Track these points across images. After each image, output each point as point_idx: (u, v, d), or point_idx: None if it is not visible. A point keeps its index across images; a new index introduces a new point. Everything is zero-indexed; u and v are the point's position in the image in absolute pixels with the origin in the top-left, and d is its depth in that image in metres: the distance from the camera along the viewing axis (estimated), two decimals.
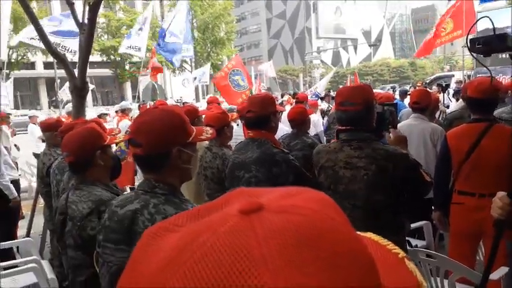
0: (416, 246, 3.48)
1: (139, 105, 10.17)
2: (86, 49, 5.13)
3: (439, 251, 2.96)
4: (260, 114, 2.53)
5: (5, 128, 6.39)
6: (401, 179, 2.03)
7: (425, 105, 3.88)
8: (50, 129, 3.80)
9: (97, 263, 1.53)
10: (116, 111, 9.78)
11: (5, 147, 4.79)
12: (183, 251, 0.33)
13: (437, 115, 5.40)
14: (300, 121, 3.61)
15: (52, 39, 7.49)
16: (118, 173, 2.14)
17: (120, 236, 1.36)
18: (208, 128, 1.57)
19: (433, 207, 3.14)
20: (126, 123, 8.15)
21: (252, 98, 2.79)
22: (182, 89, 31.15)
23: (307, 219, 0.34)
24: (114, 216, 1.40)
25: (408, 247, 2.66)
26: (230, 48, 36.41)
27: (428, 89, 6.23)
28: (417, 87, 10.96)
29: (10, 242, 4.14)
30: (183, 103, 14.29)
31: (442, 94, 7.10)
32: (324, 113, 9.15)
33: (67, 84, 12.80)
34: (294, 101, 7.02)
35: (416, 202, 2.56)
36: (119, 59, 27.05)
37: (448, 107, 7.41)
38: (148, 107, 6.94)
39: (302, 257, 0.32)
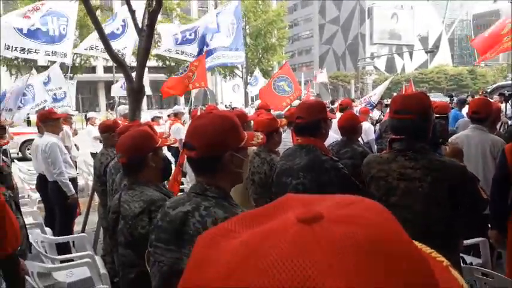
0: (471, 264, 3.27)
1: (189, 110, 10.44)
2: (143, 54, 5.35)
3: (496, 270, 2.76)
4: (310, 120, 2.49)
5: (67, 128, 6.79)
6: (458, 192, 1.92)
7: (485, 116, 3.65)
8: (107, 130, 3.98)
9: (148, 262, 1.56)
10: (169, 115, 10.10)
11: (66, 147, 5.08)
12: (248, 259, 0.34)
13: (498, 126, 5.07)
14: (350, 128, 3.52)
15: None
16: (168, 175, 2.19)
17: (171, 237, 1.39)
18: (259, 133, 1.58)
19: (489, 225, 2.95)
20: (178, 127, 8.40)
21: (301, 104, 2.76)
22: (232, 94, 31.70)
23: (368, 229, 0.35)
24: (166, 217, 1.43)
25: (462, 264, 2.50)
26: (281, 54, 36.51)
27: (489, 99, 5.87)
28: (477, 96, 10.35)
29: (67, 236, 4.38)
30: (233, 108, 14.47)
31: (504, 104, 6.65)
32: (375, 121, 8.89)
33: (118, 83, 13.40)
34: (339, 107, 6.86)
35: (473, 217, 2.41)
36: (174, 64, 27.99)
37: (511, 118, 6.93)
38: (199, 112, 7.09)
39: (367, 267, 0.32)
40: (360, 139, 4.09)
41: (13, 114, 6.45)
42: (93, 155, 9.06)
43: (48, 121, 4.59)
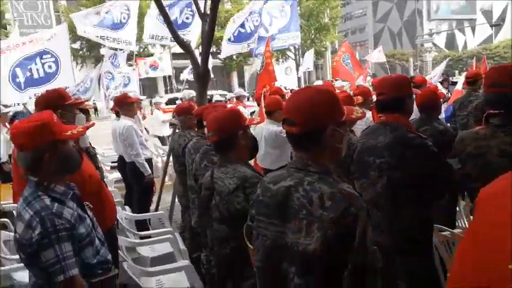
0: None
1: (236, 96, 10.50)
2: (208, 39, 5.44)
3: None
4: (394, 96, 2.41)
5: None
6: None
7: None
8: (184, 112, 4.12)
9: (248, 236, 1.62)
10: (229, 99, 10.25)
11: (145, 128, 5.35)
12: None
13: None
14: (430, 105, 3.37)
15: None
16: (255, 153, 2.24)
17: (274, 211, 1.42)
18: (357, 108, 1.56)
19: None
20: (240, 109, 8.51)
21: (383, 80, 2.68)
22: (285, 77, 31.46)
23: None
24: (268, 192, 1.46)
25: None
26: (334, 34, 35.58)
27: None
28: None
29: (147, 214, 4.64)
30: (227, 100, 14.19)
31: None
32: (442, 100, 8.44)
33: (187, 68, 13.71)
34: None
35: None
36: None
37: None
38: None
39: None
40: None
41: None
42: (160, 138, 9.46)
43: (124, 105, 4.83)
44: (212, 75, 6.67)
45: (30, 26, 30.03)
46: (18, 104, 5.54)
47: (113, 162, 7.01)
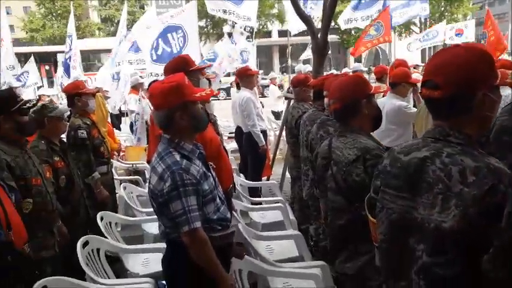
0: None
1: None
2: (329, 11, 5.28)
3: None
4: None
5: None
6: None
7: None
8: (299, 84, 4.10)
9: (369, 209, 1.53)
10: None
11: (261, 103, 5.51)
12: None
13: None
14: None
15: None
16: (379, 124, 2.10)
17: (404, 184, 1.31)
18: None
19: None
20: None
21: None
22: (407, 53, 29.21)
23: None
24: (397, 162, 1.35)
25: None
26: (468, 6, 31.78)
27: None
28: None
29: (260, 182, 4.81)
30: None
31: None
32: None
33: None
34: None
35: None
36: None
37: None
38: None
39: None
40: None
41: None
42: (274, 113, 9.65)
43: (245, 77, 5.00)
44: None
45: (164, 6, 32.73)
46: (157, 75, 6.12)
47: (230, 133, 7.38)
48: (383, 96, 4.30)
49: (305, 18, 5.73)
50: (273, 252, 3.33)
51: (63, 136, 3.51)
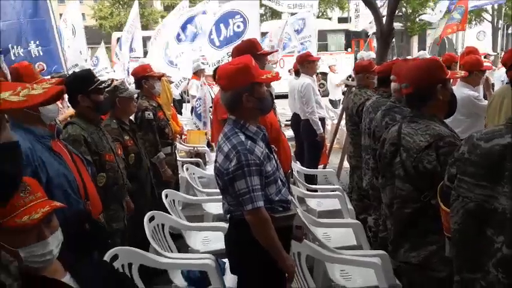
0: None
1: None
2: None
3: None
4: None
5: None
6: None
7: None
8: (362, 71, 4.00)
9: (441, 197, 1.47)
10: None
11: (319, 90, 5.44)
12: None
13: None
14: None
15: None
16: (454, 111, 2.00)
17: (483, 171, 1.24)
18: None
19: None
20: None
21: None
22: (476, 42, 27.26)
23: None
24: (477, 149, 1.28)
25: None
26: None
27: None
28: None
29: (317, 170, 4.78)
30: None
31: None
32: None
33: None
34: None
35: None
36: (410, 11, 26.07)
37: None
38: None
39: None
40: None
41: None
42: (332, 102, 9.50)
43: (305, 63, 4.95)
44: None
45: None
46: (218, 62, 6.26)
47: (287, 120, 7.37)
48: (452, 84, 4.07)
49: (370, 3, 5.55)
50: (330, 240, 3.31)
51: (131, 117, 3.70)
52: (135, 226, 2.80)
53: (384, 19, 5.33)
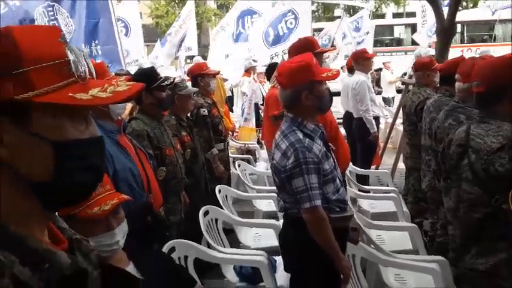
0: None
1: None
2: None
3: None
4: None
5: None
6: None
7: None
8: (422, 68, 3.84)
9: None
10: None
11: (373, 88, 5.30)
12: None
13: None
14: None
15: None
16: None
17: None
18: None
19: None
20: None
21: None
22: None
23: None
24: None
25: None
26: None
27: None
28: None
29: (371, 170, 4.66)
30: None
31: None
32: None
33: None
34: None
35: None
36: (471, 5, 24.67)
37: None
38: None
39: None
40: None
41: None
42: (385, 99, 9.23)
43: (360, 60, 4.83)
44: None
45: None
46: (271, 59, 6.32)
47: (338, 118, 7.24)
48: None
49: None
50: (384, 243, 3.21)
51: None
52: (190, 219, 2.88)
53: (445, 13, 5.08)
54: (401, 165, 5.04)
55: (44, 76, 0.61)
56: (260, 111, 7.57)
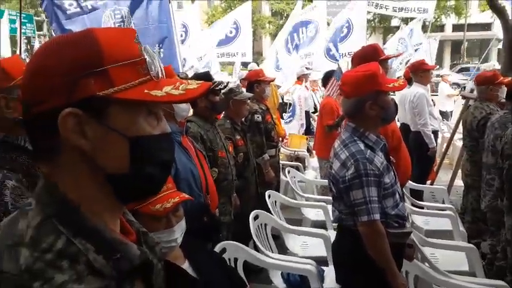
0: None
1: None
2: None
3: None
4: None
5: None
6: None
7: None
8: (485, 82, 3.68)
9: None
10: None
11: (432, 101, 5.12)
12: None
13: None
14: None
15: None
16: None
17: None
18: None
19: None
20: None
21: None
22: None
23: None
24: None
25: None
26: None
27: None
28: None
29: (426, 186, 4.50)
30: None
31: None
32: None
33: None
34: None
35: None
36: None
37: None
38: None
39: None
40: None
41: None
42: (443, 113, 8.86)
43: (419, 72, 4.68)
44: None
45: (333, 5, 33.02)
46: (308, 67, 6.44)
47: None
48: None
49: (498, 10, 5.06)
50: (438, 262, 3.08)
51: None
52: (239, 221, 2.91)
53: None
54: (457, 182, 4.82)
55: (123, 74, 0.64)
56: (311, 119, 7.53)
